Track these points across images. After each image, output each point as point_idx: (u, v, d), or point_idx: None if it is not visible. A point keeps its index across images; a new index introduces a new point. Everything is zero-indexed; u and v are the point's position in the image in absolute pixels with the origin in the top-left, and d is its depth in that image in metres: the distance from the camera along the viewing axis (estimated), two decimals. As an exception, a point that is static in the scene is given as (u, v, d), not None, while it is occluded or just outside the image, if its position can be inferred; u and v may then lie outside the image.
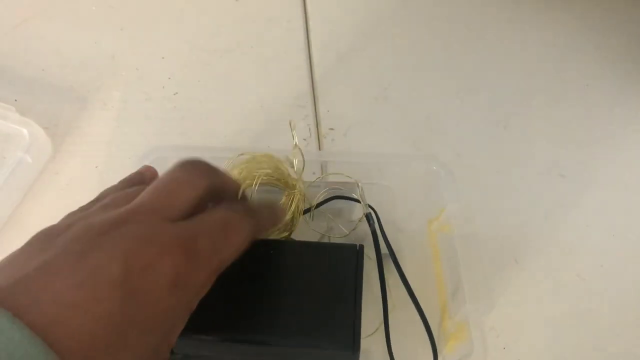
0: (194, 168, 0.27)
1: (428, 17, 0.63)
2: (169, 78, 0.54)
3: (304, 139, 0.52)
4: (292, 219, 0.40)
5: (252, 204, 0.31)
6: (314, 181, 0.43)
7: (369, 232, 0.39)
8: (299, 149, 0.39)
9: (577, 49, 0.62)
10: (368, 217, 0.39)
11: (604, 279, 0.47)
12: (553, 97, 0.58)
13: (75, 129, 0.50)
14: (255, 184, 0.38)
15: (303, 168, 0.40)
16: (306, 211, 0.42)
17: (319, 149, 0.51)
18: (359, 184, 0.39)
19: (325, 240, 0.44)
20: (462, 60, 0.60)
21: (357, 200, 0.40)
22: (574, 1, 0.66)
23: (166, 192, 0.25)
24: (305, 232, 0.43)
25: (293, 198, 0.40)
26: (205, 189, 0.26)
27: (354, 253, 0.32)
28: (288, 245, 0.33)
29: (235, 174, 0.40)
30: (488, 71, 0.59)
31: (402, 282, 0.37)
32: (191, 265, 0.22)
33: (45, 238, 0.22)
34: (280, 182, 0.41)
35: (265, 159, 0.40)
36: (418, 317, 0.37)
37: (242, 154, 0.40)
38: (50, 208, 0.45)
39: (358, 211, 0.43)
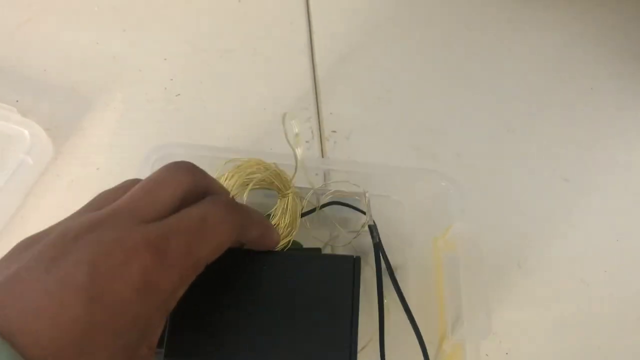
0: (177, 168, 0.25)
1: (431, 18, 0.62)
2: (171, 79, 0.54)
3: (307, 141, 0.51)
4: (291, 221, 0.40)
5: (243, 205, 0.28)
6: (318, 187, 0.43)
7: (370, 243, 0.38)
8: (294, 151, 0.38)
9: (581, 51, 0.62)
10: (372, 228, 0.38)
11: (608, 284, 0.47)
12: (557, 100, 0.58)
13: (77, 130, 0.50)
14: (248, 189, 0.38)
15: (296, 169, 0.40)
16: (307, 213, 0.42)
17: (322, 151, 0.51)
18: (366, 194, 0.38)
19: (327, 247, 0.43)
20: (465, 62, 0.59)
21: (362, 211, 0.40)
22: (578, 2, 0.66)
23: (144, 193, 0.24)
24: (306, 238, 0.43)
25: (288, 199, 0.40)
26: (186, 189, 0.25)
27: (350, 266, 0.29)
28: (279, 257, 0.30)
29: (224, 180, 0.39)
30: (491, 73, 0.59)
31: (400, 301, 0.36)
32: (161, 267, 0.21)
33: (25, 246, 0.22)
34: (273, 185, 0.40)
35: (256, 163, 0.40)
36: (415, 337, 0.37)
37: (229, 161, 0.40)
38: (51, 210, 0.45)
39: (361, 221, 0.43)
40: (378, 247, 0.37)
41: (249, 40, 0.58)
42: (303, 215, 0.42)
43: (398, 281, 0.37)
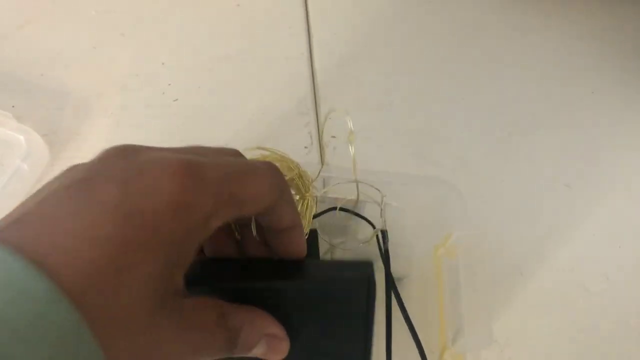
0: (274, 170, 0.25)
1: (431, 23, 0.62)
2: (169, 84, 0.54)
3: (305, 147, 0.51)
4: (306, 225, 0.39)
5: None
6: (325, 190, 0.42)
7: (371, 252, 0.38)
8: (350, 149, 0.37)
9: (581, 54, 0.62)
10: (384, 234, 0.37)
11: (611, 291, 0.46)
12: (558, 104, 0.58)
13: (74, 136, 0.49)
14: None
15: (319, 172, 0.39)
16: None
17: (321, 157, 0.51)
18: (383, 199, 0.37)
19: (328, 254, 0.43)
20: (466, 67, 0.59)
21: (365, 218, 0.39)
22: (578, 7, 0.66)
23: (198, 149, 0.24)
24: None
25: (307, 201, 0.38)
26: (270, 191, 0.24)
27: (365, 282, 0.25)
28: (292, 268, 0.27)
29: None
30: (492, 78, 0.58)
31: (401, 311, 0.35)
32: (196, 189, 0.21)
33: (65, 171, 0.22)
34: (293, 184, 0.39)
35: (280, 158, 0.38)
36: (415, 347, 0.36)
37: (254, 148, 0.38)
38: None
39: (363, 231, 0.42)
40: (388, 255, 0.36)
41: (247, 44, 0.57)
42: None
43: (399, 290, 0.36)
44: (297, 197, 0.38)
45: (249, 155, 0.38)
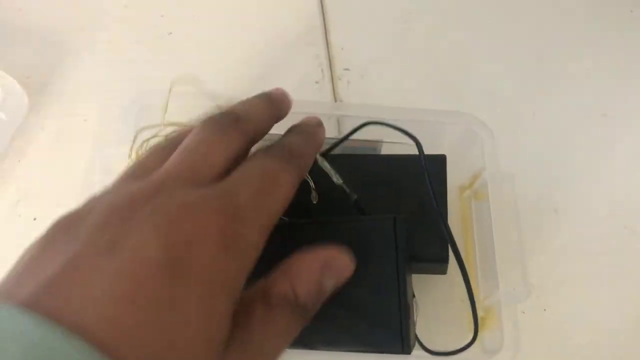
0: (226, 124, 0.25)
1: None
2: (162, 15, 0.51)
3: (316, 82, 0.48)
4: None
5: (290, 142, 0.27)
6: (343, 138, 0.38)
7: None
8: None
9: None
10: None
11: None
12: (593, 26, 0.53)
13: (56, 78, 0.46)
14: None
15: None
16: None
17: (333, 92, 0.47)
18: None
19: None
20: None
21: (412, 136, 0.35)
22: None
23: (194, 156, 0.23)
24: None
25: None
26: (240, 145, 0.25)
27: (390, 227, 0.27)
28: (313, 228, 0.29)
29: None
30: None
31: (455, 256, 0.32)
32: (238, 224, 0.21)
33: (66, 228, 0.21)
34: None
35: None
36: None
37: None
38: (37, 167, 0.42)
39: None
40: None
41: (247, -33, 0.53)
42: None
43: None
44: None
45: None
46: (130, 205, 0.21)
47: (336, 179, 0.32)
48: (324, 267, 0.24)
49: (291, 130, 0.29)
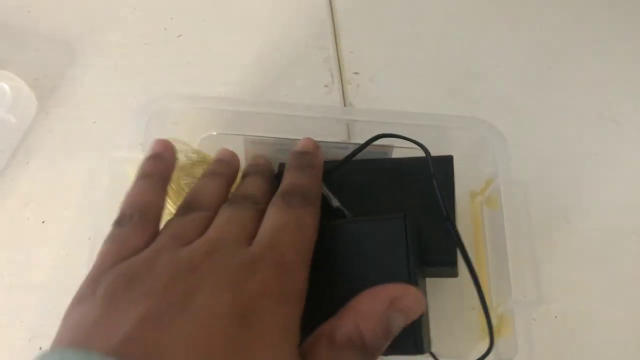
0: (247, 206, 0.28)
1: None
2: (172, 18, 0.50)
3: (326, 86, 0.47)
4: None
5: (299, 185, 0.29)
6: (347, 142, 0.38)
7: None
8: None
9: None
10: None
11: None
12: (604, 32, 0.53)
13: (65, 81, 0.46)
14: None
15: None
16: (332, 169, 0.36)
17: (343, 97, 0.47)
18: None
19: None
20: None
21: (422, 145, 0.35)
22: None
23: (235, 224, 0.26)
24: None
25: None
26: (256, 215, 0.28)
27: (401, 225, 0.28)
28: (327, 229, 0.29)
29: None
30: (531, 4, 0.53)
31: (464, 259, 0.32)
32: (288, 276, 0.24)
33: (126, 283, 0.23)
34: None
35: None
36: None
37: None
38: (45, 170, 0.42)
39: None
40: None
41: (256, -30, 0.52)
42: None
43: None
44: None
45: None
46: (191, 263, 0.23)
47: (334, 202, 0.33)
48: (391, 306, 0.24)
49: (293, 167, 0.31)
